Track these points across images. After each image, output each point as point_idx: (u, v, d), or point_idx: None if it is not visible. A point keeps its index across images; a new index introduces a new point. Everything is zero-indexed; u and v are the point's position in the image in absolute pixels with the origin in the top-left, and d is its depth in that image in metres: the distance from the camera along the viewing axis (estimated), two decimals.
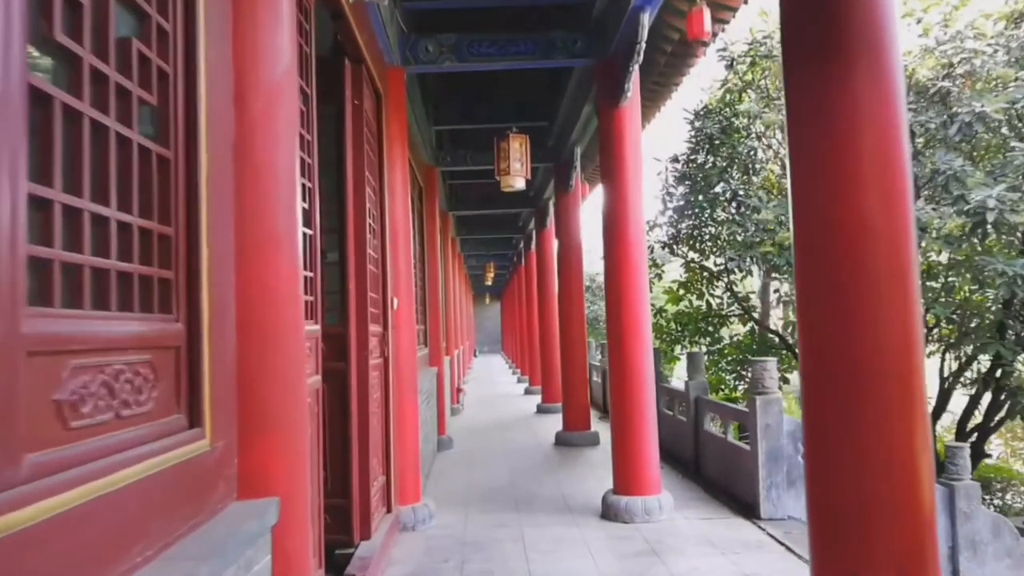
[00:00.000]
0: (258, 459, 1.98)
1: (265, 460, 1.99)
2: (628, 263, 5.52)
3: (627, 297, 5.50)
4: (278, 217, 2.08)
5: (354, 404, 4.31)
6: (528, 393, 15.38)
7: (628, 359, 5.48)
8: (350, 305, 4.32)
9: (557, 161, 9.05)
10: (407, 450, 5.38)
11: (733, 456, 6.00)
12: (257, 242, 2.02)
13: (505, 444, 8.98)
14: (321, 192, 4.44)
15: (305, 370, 2.19)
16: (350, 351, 4.31)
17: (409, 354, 5.48)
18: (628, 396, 5.48)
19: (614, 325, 5.58)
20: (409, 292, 5.54)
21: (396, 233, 5.40)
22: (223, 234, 1.89)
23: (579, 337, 8.97)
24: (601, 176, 5.88)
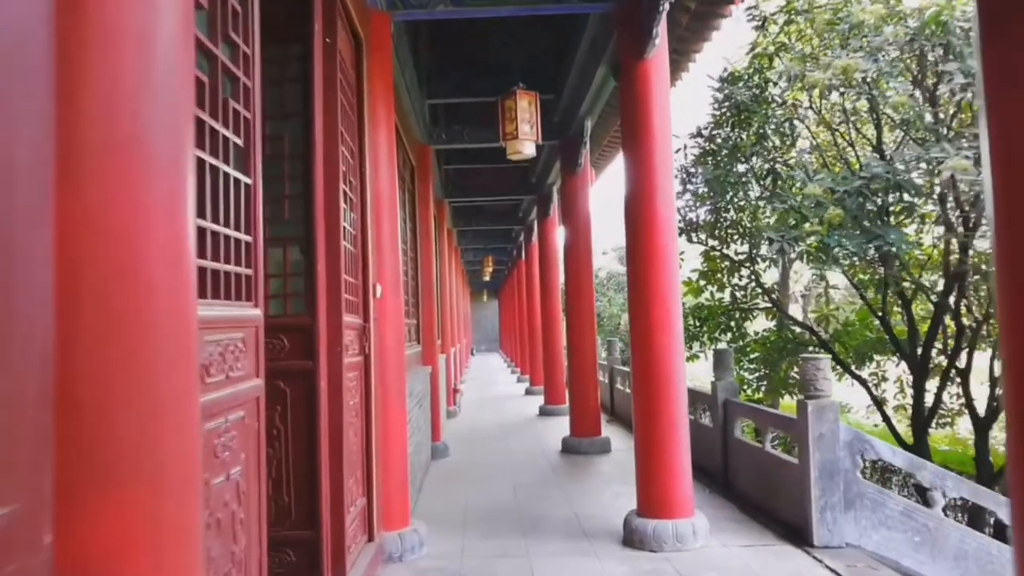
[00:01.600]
0: (96, 536, 1.11)
1: (110, 537, 1.13)
2: (655, 246, 4.67)
3: (655, 286, 4.65)
4: (145, 107, 1.22)
5: (323, 412, 3.45)
6: (529, 394, 14.53)
7: (656, 359, 4.63)
8: (319, 289, 3.46)
9: (564, 138, 8.19)
10: (393, 466, 4.53)
11: (774, 470, 5.16)
12: (102, 145, 1.16)
13: (507, 452, 8.12)
14: (283, 149, 3.60)
15: (195, 380, 1.32)
16: (319, 346, 3.45)
17: (396, 351, 4.62)
18: (656, 402, 4.63)
19: (640, 319, 4.73)
20: (396, 278, 4.68)
21: (380, 207, 4.54)
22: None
23: (588, 334, 8.12)
24: (623, 145, 5.02)
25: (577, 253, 8.20)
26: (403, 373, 4.69)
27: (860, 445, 4.58)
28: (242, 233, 2.15)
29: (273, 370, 3.45)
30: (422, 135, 7.84)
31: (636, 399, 4.78)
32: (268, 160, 3.60)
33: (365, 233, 4.27)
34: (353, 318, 3.95)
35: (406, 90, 6.35)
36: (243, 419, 2.08)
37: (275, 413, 3.46)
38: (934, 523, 4.59)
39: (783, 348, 8.21)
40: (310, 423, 3.44)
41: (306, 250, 3.49)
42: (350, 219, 4.05)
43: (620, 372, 10.79)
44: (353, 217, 4.13)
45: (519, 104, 5.02)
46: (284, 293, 3.53)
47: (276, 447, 3.47)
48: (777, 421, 5.29)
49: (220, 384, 1.91)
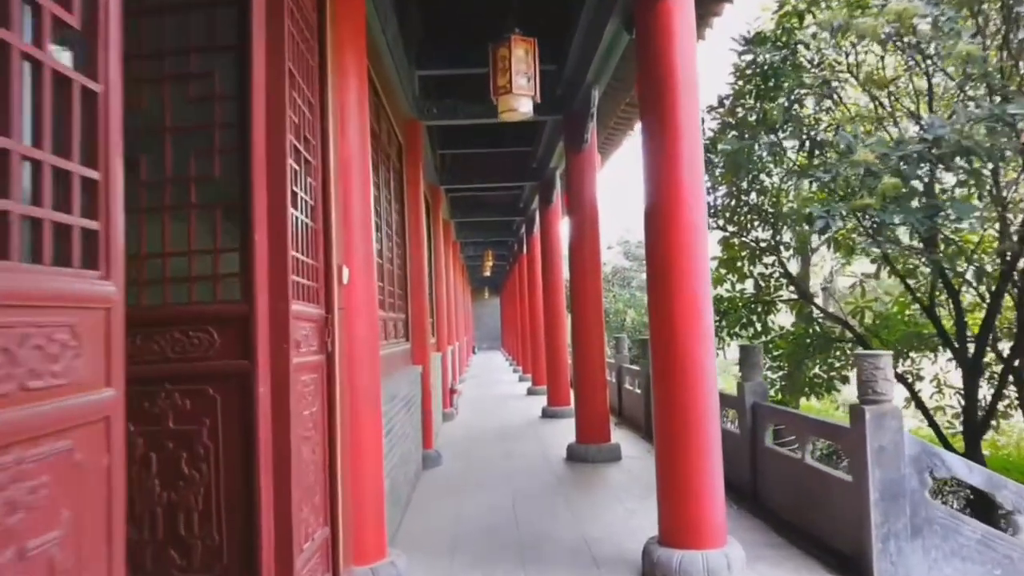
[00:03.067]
0: None
1: None
2: (681, 225, 3.89)
3: (680, 272, 3.88)
4: None
5: (264, 424, 2.69)
6: (531, 394, 13.77)
7: (682, 358, 3.86)
8: (256, 269, 2.69)
9: (568, 112, 7.41)
10: (366, 488, 3.76)
11: (818, 487, 4.38)
12: None
13: (506, 459, 7.35)
14: (212, 89, 2.83)
15: None
16: (256, 341, 2.68)
17: (369, 348, 3.85)
18: (682, 410, 3.86)
19: (662, 312, 3.96)
20: (369, 261, 3.91)
21: (348, 175, 3.77)
22: None
23: (596, 330, 7.35)
24: (642, 110, 4.24)
25: (583, 241, 7.42)
26: (377, 374, 3.92)
27: (929, 460, 3.81)
28: (79, 164, 1.38)
29: (199, 372, 2.70)
30: (411, 109, 7.07)
31: (659, 406, 4.01)
32: (194, 103, 2.85)
33: (328, 204, 3.49)
34: (308, 307, 3.18)
35: (388, 51, 5.58)
36: (69, 453, 1.32)
37: (203, 428, 2.70)
38: (1018, 553, 3.81)
39: (809, 344, 7.42)
40: (244, 440, 2.68)
41: (239, 217, 2.73)
42: (307, 186, 3.28)
43: (629, 371, 10.01)
44: (312, 184, 3.36)
45: (514, 53, 4.24)
46: (215, 274, 2.76)
47: (204, 471, 2.71)
48: (822, 430, 4.50)
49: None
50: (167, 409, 2.70)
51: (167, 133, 2.75)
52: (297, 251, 3.05)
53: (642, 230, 4.18)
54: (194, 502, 2.69)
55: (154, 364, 2.70)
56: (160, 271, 2.73)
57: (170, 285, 2.73)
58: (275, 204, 2.84)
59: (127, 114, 1.56)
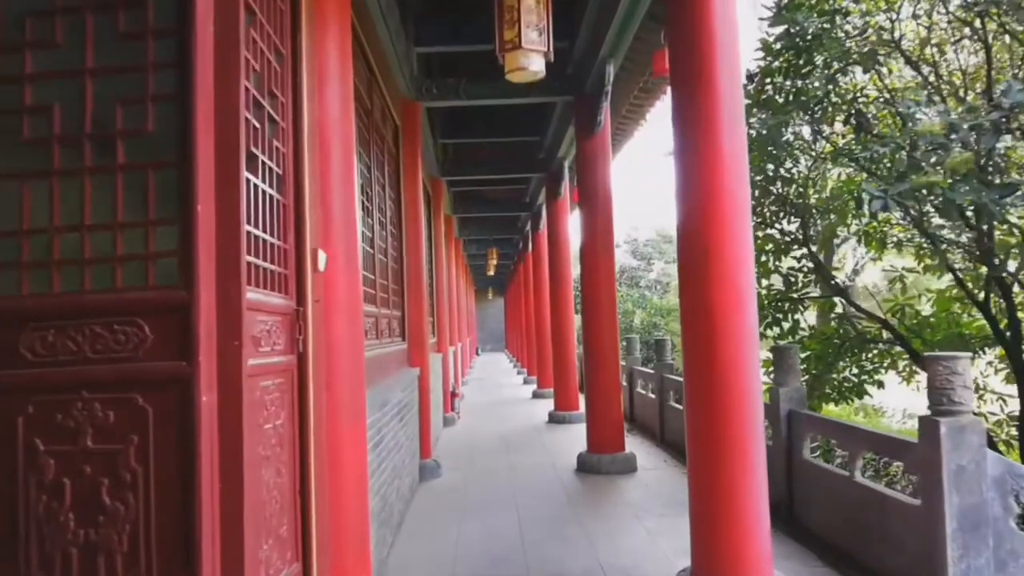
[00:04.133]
0: None
1: None
2: (721, 206, 3.32)
3: (719, 260, 3.31)
4: None
5: (207, 442, 2.11)
6: (537, 397, 13.18)
7: (721, 362, 3.29)
8: (199, 247, 2.12)
9: (579, 92, 6.82)
10: (346, 513, 3.18)
11: (873, 510, 3.78)
12: None
13: (511, 470, 6.76)
14: (145, 22, 2.26)
15: None
16: (197, 338, 2.10)
17: (351, 348, 3.27)
18: (721, 421, 3.28)
19: (697, 308, 3.39)
20: (352, 246, 3.33)
21: (326, 142, 3.19)
22: None
23: (608, 330, 6.75)
24: (674, 78, 3.64)
25: (595, 233, 6.83)
26: (361, 379, 3.34)
27: (1015, 482, 3.21)
28: None
29: (126, 377, 2.13)
30: (408, 88, 6.50)
31: (692, 417, 3.42)
32: (121, 39, 2.28)
33: (300, 176, 2.92)
34: (272, 297, 2.61)
35: (382, 19, 5.01)
36: None
37: (129, 447, 2.13)
38: None
39: (841, 345, 6.82)
40: (187, 460, 2.10)
41: (178, 182, 2.15)
42: (274, 152, 2.71)
43: (642, 374, 9.41)
44: (281, 151, 2.79)
45: (523, 2, 3.66)
46: (147, 253, 2.18)
47: (130, 503, 2.13)
48: (879, 444, 3.90)
49: None
50: (84, 423, 2.12)
51: (87, 76, 2.19)
52: (256, 227, 2.48)
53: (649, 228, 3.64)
54: (117, 542, 2.12)
55: (68, 366, 2.12)
56: (78, 249, 2.16)
57: (90, 267, 2.16)
58: (225, 167, 2.26)
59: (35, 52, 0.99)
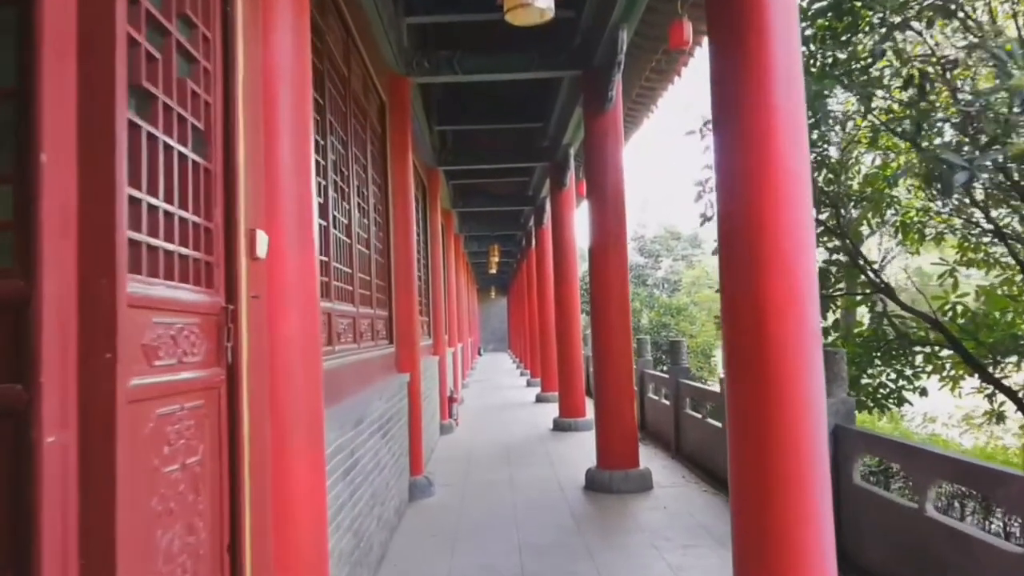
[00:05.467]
0: None
1: None
2: (774, 175, 2.62)
3: (770, 241, 2.61)
4: None
5: (46, 505, 1.42)
6: (540, 401, 12.49)
7: (775, 371, 2.59)
8: (42, 214, 1.43)
9: (587, 66, 6.12)
10: (298, 569, 2.48)
11: (956, 552, 3.08)
12: None
13: (512, 489, 6.07)
14: None
15: None
16: (38, 347, 1.41)
17: (306, 358, 2.58)
18: (775, 444, 2.58)
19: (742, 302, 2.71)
20: (305, 229, 2.63)
21: (272, 92, 2.51)
22: None
23: (621, 333, 6.05)
24: (711, 21, 2.95)
25: (606, 224, 6.12)
26: (318, 393, 2.65)
27: None
28: None
29: None
30: (396, 61, 5.81)
31: (736, 440, 2.73)
32: None
33: (232, 135, 2.23)
34: (182, 291, 1.92)
35: None
36: None
37: None
38: None
39: (881, 347, 6.12)
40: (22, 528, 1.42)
41: (16, 120, 1.47)
42: (189, 98, 2.03)
43: (654, 378, 8.71)
44: (204, 99, 2.10)
45: None
46: None
47: None
48: (963, 472, 3.18)
49: None
50: None
51: None
52: (155, 196, 1.80)
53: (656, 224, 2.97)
54: None
55: None
56: None
57: None
58: (93, 104, 1.57)
59: None
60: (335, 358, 3.55)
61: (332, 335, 3.56)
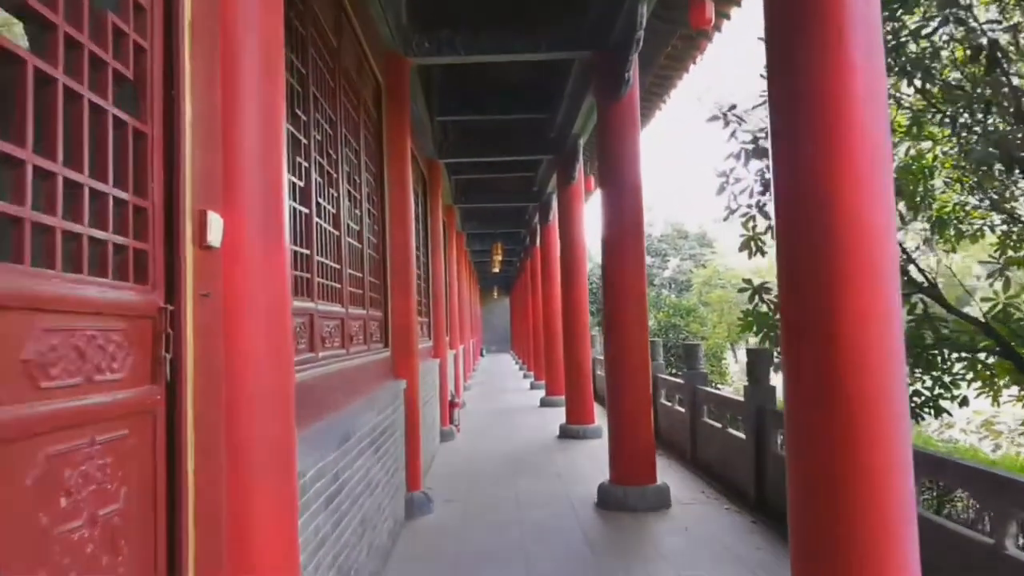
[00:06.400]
0: None
1: None
2: (850, 145, 2.15)
3: (846, 226, 2.13)
4: None
5: None
6: (545, 405, 12.01)
7: (846, 383, 2.11)
8: None
9: (601, 46, 5.64)
10: None
11: None
12: None
13: (518, 506, 5.58)
14: None
15: None
16: None
17: (275, 371, 2.10)
18: (844, 481, 2.10)
19: (806, 300, 2.21)
20: (274, 213, 2.14)
21: (234, 41, 2.03)
22: None
23: (637, 335, 5.56)
24: None
25: (621, 218, 5.63)
26: (288, 413, 2.17)
27: None
28: None
29: None
30: (394, 40, 5.34)
31: (799, 474, 2.25)
32: None
33: (175, 90, 1.75)
34: (92, 289, 1.45)
35: None
36: None
37: None
38: None
39: (921, 352, 5.63)
40: None
41: None
42: (112, 37, 1.56)
43: (666, 383, 8.22)
44: (134, 41, 1.63)
45: None
46: None
47: None
48: None
49: None
50: None
51: None
52: (46, 157, 1.32)
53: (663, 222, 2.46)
54: None
55: None
56: None
57: None
58: None
59: None
60: (318, 366, 3.08)
61: (315, 339, 3.09)
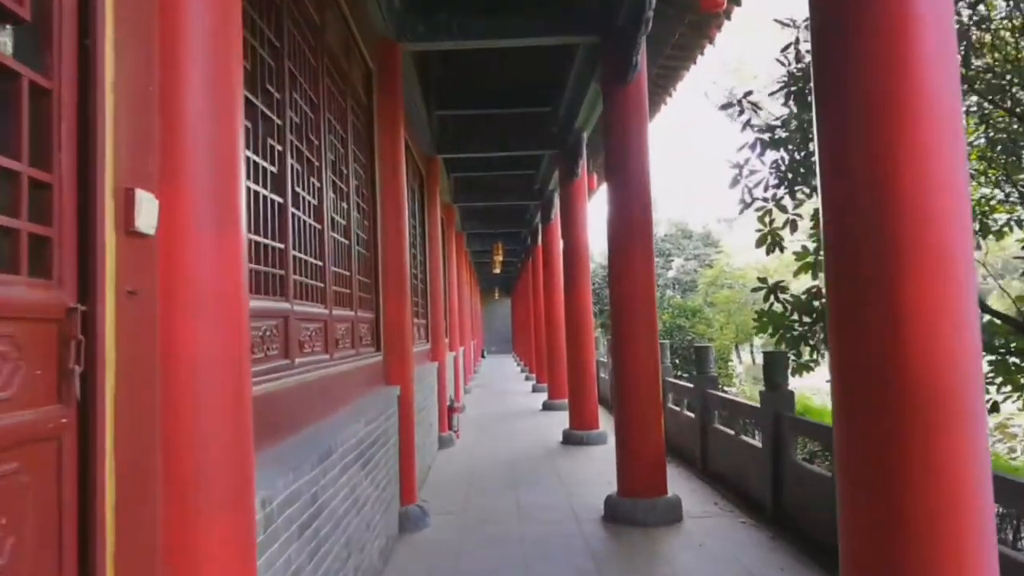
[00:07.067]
0: None
1: None
2: (918, 117, 1.80)
3: (914, 211, 1.78)
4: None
5: None
6: (547, 408, 11.66)
7: (910, 419, 1.77)
8: None
9: (607, 30, 5.31)
10: None
11: None
12: None
13: (520, 519, 5.24)
14: None
15: None
16: None
17: (228, 385, 1.76)
18: (914, 525, 1.75)
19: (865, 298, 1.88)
20: (227, 195, 1.80)
21: None
22: None
23: (647, 337, 5.21)
24: None
25: (629, 213, 5.28)
26: (245, 431, 1.83)
27: None
28: None
29: None
30: (385, 24, 5.01)
31: (853, 507, 1.90)
32: None
33: (93, 31, 1.42)
34: None
35: None
36: None
37: None
38: None
39: None
40: None
41: None
42: None
43: (673, 387, 7.87)
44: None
45: None
46: None
47: None
48: None
49: None
50: None
51: None
52: None
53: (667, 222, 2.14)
54: None
55: None
56: None
57: None
58: None
59: None
60: (294, 374, 2.75)
61: (290, 344, 2.76)
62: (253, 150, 2.48)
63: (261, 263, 2.53)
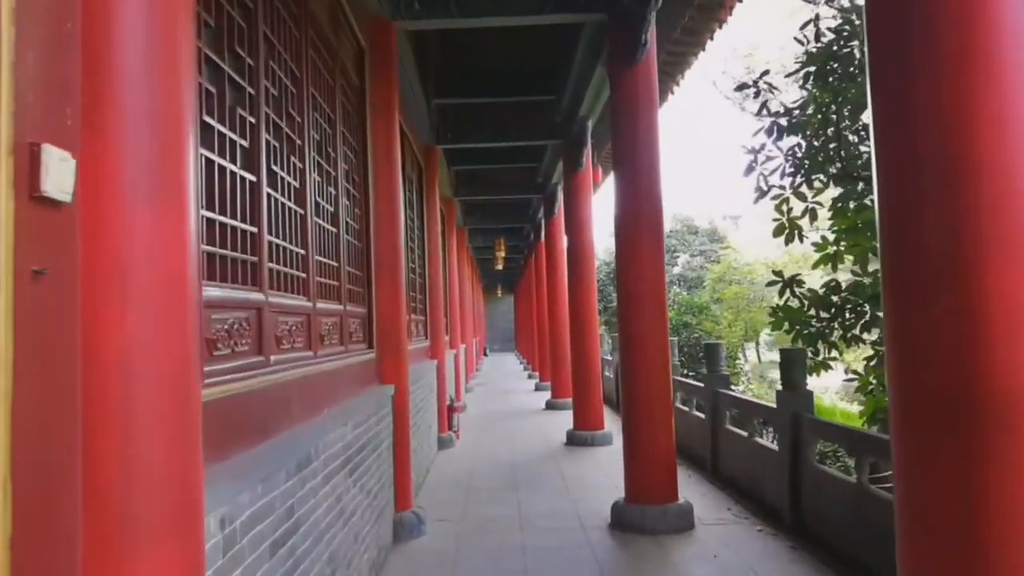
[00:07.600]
0: None
1: None
2: (1005, 91, 1.49)
3: (1003, 197, 1.47)
4: None
5: None
6: (550, 408, 11.36)
7: (985, 434, 1.47)
8: None
9: (613, 8, 5.00)
10: None
11: None
12: None
13: (522, 527, 4.94)
14: None
15: None
16: None
17: (168, 386, 1.46)
18: (992, 552, 1.45)
19: (925, 323, 1.59)
20: (173, 158, 1.50)
21: None
22: None
23: (656, 335, 4.91)
24: None
25: (637, 204, 4.98)
26: (193, 448, 1.53)
27: None
28: None
29: None
30: (380, 1, 4.70)
31: (913, 529, 1.60)
32: None
33: None
34: None
35: None
36: None
37: None
38: None
39: None
40: None
41: None
42: None
43: (681, 385, 7.55)
44: None
45: None
46: None
47: None
48: None
49: None
50: None
51: None
52: None
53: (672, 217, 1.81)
54: None
55: None
56: None
57: None
58: None
59: None
60: (267, 373, 2.45)
61: (264, 339, 2.46)
62: (218, 118, 2.18)
63: (228, 247, 2.23)
